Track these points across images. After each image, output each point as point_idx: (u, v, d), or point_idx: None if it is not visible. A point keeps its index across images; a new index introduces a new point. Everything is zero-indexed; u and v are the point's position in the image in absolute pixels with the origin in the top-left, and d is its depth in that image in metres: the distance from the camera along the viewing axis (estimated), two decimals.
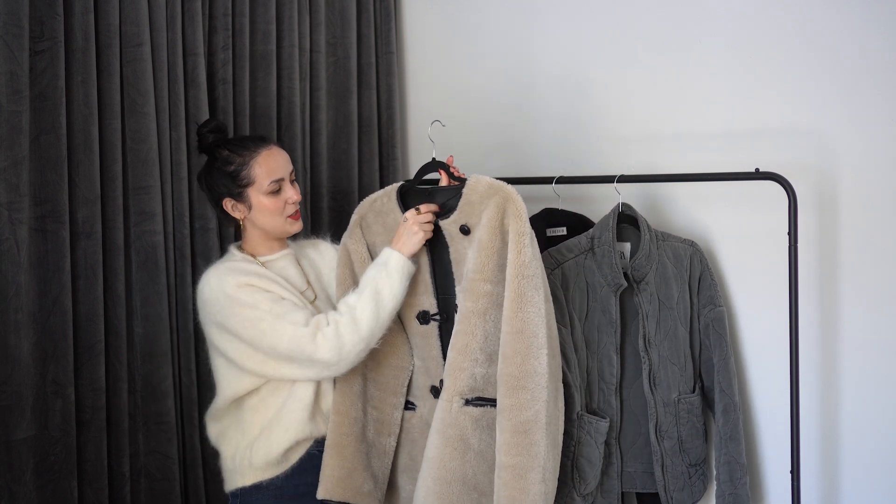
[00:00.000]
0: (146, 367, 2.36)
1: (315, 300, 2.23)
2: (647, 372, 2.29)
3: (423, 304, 2.17)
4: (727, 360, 2.32)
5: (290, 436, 2.12)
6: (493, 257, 2.05)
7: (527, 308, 2.00)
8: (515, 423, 1.98)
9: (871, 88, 2.22)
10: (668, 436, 2.31)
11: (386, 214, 2.21)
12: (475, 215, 2.09)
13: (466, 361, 2.05)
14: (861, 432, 2.27)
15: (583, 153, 2.67)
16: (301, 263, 2.27)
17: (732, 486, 2.28)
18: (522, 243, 2.02)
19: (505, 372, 2.00)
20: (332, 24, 2.86)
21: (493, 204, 2.05)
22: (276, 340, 2.04)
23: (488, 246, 2.05)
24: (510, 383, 1.99)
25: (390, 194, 2.22)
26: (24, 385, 2.14)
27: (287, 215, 2.18)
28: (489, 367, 2.06)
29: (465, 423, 2.05)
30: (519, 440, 1.97)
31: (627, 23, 2.58)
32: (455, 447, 2.04)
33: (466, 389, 2.06)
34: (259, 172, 2.15)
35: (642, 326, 2.29)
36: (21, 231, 2.13)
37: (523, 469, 1.96)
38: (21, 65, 2.12)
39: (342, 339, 2.03)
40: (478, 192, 2.09)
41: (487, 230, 2.05)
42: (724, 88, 2.42)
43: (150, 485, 2.37)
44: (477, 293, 2.05)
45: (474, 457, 2.05)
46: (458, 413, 2.05)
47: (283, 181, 2.17)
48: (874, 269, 2.23)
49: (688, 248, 2.36)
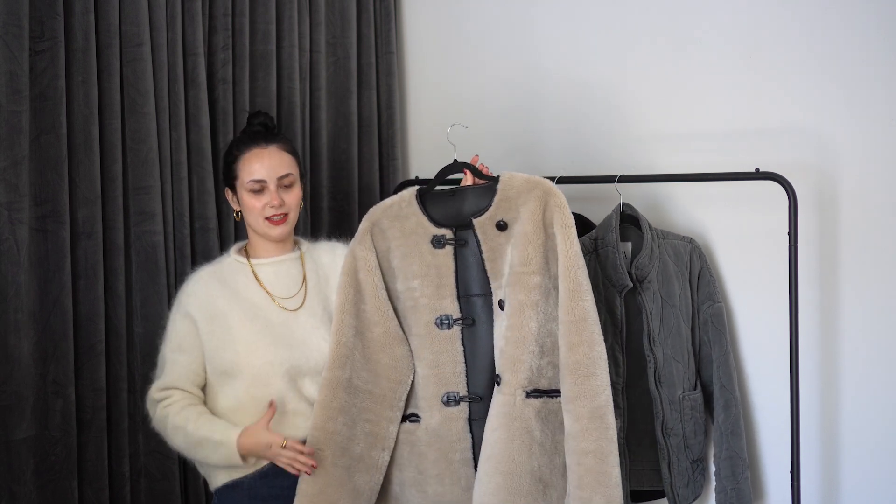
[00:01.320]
0: (146, 367, 2.35)
1: (300, 308, 2.17)
2: (652, 370, 2.29)
3: (446, 307, 2.15)
4: (727, 355, 2.33)
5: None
6: (539, 250, 2.07)
7: (585, 297, 2.04)
8: (591, 408, 2.00)
9: (872, 88, 2.22)
10: (673, 433, 2.31)
11: (405, 219, 2.19)
12: (513, 210, 2.11)
13: (525, 354, 2.06)
14: (861, 432, 2.28)
15: (583, 153, 2.67)
16: (306, 268, 2.23)
17: (735, 481, 2.29)
18: (570, 234, 2.06)
19: (572, 360, 2.02)
20: (332, 24, 2.86)
21: (534, 198, 2.09)
22: (158, 371, 2.16)
23: (534, 239, 2.07)
24: (580, 371, 2.02)
25: (409, 199, 2.20)
26: (25, 385, 2.13)
27: (265, 217, 2.15)
28: (541, 358, 2.08)
29: (529, 415, 2.06)
30: (597, 425, 2.00)
31: (627, 23, 2.58)
32: (522, 440, 2.05)
33: (526, 382, 2.06)
34: (243, 168, 2.14)
35: (646, 325, 2.29)
36: (21, 231, 2.13)
37: (604, 453, 1.99)
38: (21, 65, 2.12)
39: (164, 431, 2.11)
40: (514, 187, 2.12)
41: (531, 224, 2.08)
42: (725, 88, 2.42)
43: (150, 485, 2.37)
44: (528, 286, 2.07)
45: (538, 448, 2.06)
46: (521, 406, 2.06)
47: (265, 184, 2.13)
48: (874, 269, 2.23)
49: (687, 245, 2.36)
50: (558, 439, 2.07)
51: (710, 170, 2.35)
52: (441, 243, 2.15)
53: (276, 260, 2.20)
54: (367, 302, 2.17)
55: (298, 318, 2.16)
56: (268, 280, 2.17)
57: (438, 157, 2.84)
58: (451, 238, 2.15)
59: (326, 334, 2.15)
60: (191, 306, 2.14)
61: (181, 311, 2.15)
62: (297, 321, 2.15)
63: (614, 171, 2.41)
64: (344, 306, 2.16)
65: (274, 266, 2.19)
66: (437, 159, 2.95)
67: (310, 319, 2.16)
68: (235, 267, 2.19)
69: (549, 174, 2.43)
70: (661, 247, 2.33)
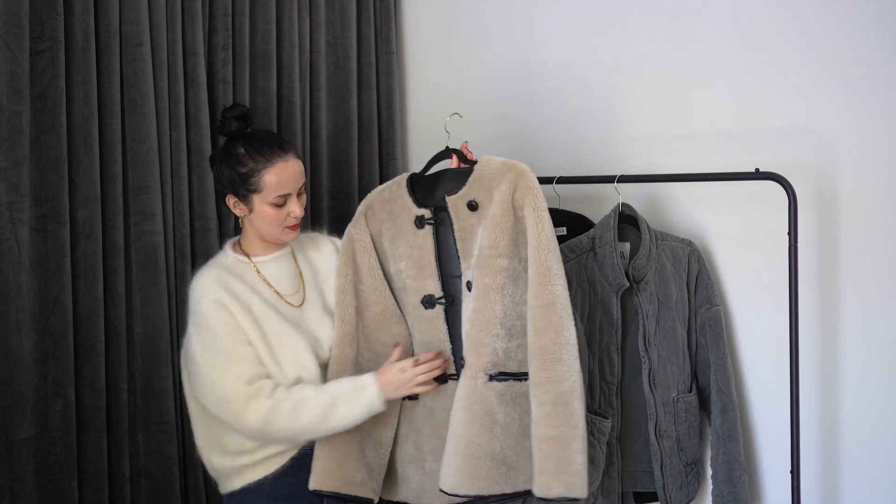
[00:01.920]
0: (146, 367, 2.36)
1: (303, 304, 2.20)
2: (647, 372, 2.29)
3: (428, 287, 2.17)
4: (724, 359, 2.33)
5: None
6: (508, 232, 2.07)
7: (555, 281, 2.03)
8: (555, 394, 1.99)
9: (872, 88, 2.22)
10: (666, 435, 2.31)
11: (393, 201, 2.22)
12: (485, 191, 2.11)
13: (488, 337, 2.06)
14: (861, 432, 2.28)
15: (583, 153, 2.67)
16: (298, 263, 2.25)
17: (732, 485, 2.28)
18: (541, 218, 2.04)
19: (539, 345, 2.02)
20: (332, 24, 2.86)
21: (507, 181, 2.08)
22: (216, 381, 2.04)
23: (502, 221, 2.07)
24: (546, 356, 2.01)
25: (400, 182, 2.23)
26: (25, 385, 2.13)
27: (285, 226, 2.16)
28: (508, 341, 2.07)
29: (490, 398, 2.06)
30: (560, 411, 1.99)
31: (627, 23, 2.58)
32: (482, 423, 2.05)
33: (489, 365, 2.06)
34: (268, 182, 2.10)
35: (642, 326, 2.29)
36: (21, 231, 2.13)
37: (566, 440, 1.99)
38: (21, 65, 2.12)
39: (274, 421, 2.02)
40: (490, 168, 2.12)
41: (500, 206, 2.07)
42: (725, 88, 2.42)
43: (150, 485, 2.37)
44: (494, 269, 2.06)
45: (501, 431, 2.06)
46: (483, 389, 2.06)
47: (290, 196, 2.13)
48: (874, 269, 2.23)
49: (685, 248, 2.36)
50: (527, 423, 2.06)
51: (710, 170, 2.36)
52: (422, 223, 2.17)
53: (274, 256, 2.21)
54: (364, 282, 2.21)
55: (304, 314, 2.19)
56: (272, 277, 2.19)
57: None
58: (429, 218, 2.17)
59: (330, 327, 2.19)
60: (220, 298, 2.08)
61: (212, 307, 2.07)
62: (303, 316, 2.18)
63: (614, 171, 2.41)
64: (344, 286, 2.20)
65: (275, 262, 2.21)
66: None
67: (313, 313, 2.20)
68: (240, 266, 2.18)
69: (549, 174, 2.44)
70: (659, 248, 2.33)
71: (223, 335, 2.07)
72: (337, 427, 2.07)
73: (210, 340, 2.07)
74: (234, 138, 2.16)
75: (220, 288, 2.10)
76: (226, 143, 2.18)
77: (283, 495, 2.14)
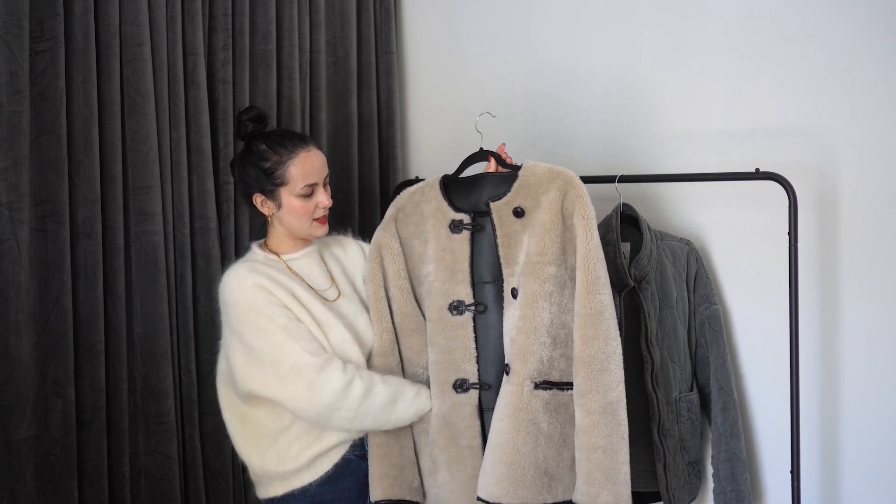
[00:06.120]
0: (146, 367, 2.36)
1: (338, 298, 2.18)
2: (649, 371, 2.30)
3: (459, 293, 2.14)
4: (724, 357, 2.33)
5: (324, 442, 2.09)
6: (556, 240, 2.06)
7: (602, 290, 2.01)
8: (603, 404, 1.98)
9: (871, 88, 2.22)
10: (669, 434, 2.31)
11: (427, 203, 2.19)
12: (531, 198, 2.09)
13: (535, 345, 2.05)
14: (861, 432, 2.28)
15: (583, 153, 2.67)
16: (326, 260, 2.23)
17: (734, 482, 2.29)
18: (590, 226, 2.03)
19: (587, 353, 2.00)
20: (332, 24, 2.86)
21: (555, 188, 2.07)
22: (281, 356, 2.00)
23: (551, 229, 2.06)
24: (593, 365, 2.00)
25: (433, 184, 2.21)
26: (25, 385, 2.13)
27: (314, 219, 2.14)
28: (553, 350, 2.06)
29: (536, 406, 2.04)
30: (608, 421, 1.98)
31: (627, 23, 2.59)
32: (528, 431, 2.03)
33: (535, 373, 2.05)
34: (294, 174, 2.09)
35: (644, 326, 2.29)
36: (21, 231, 2.13)
37: (614, 450, 1.98)
38: (21, 65, 2.12)
39: (348, 398, 2.00)
40: (536, 174, 2.10)
41: (549, 213, 2.06)
42: (725, 88, 2.42)
43: (150, 485, 2.37)
44: (542, 276, 2.05)
45: (545, 441, 2.05)
46: (529, 397, 2.04)
47: (317, 185, 2.13)
48: (874, 269, 2.24)
49: (684, 247, 2.36)
50: (567, 432, 2.06)
51: (710, 170, 2.36)
52: (458, 228, 2.15)
53: (303, 253, 2.19)
54: (391, 290, 2.19)
55: (340, 308, 2.16)
56: (304, 273, 2.16)
57: (438, 156, 2.85)
58: (468, 223, 2.14)
59: (367, 322, 2.18)
60: (260, 283, 2.04)
61: (254, 290, 2.03)
62: (339, 310, 2.15)
63: (614, 170, 2.41)
64: (378, 293, 2.18)
65: (305, 259, 2.18)
66: (437, 159, 2.96)
67: (350, 306, 2.18)
68: (271, 263, 2.14)
69: None
70: (659, 248, 2.33)
71: (274, 314, 2.02)
72: (396, 422, 2.07)
73: (262, 323, 2.01)
74: (253, 138, 2.14)
75: (259, 275, 2.06)
76: (245, 144, 2.16)
77: (325, 502, 2.11)
